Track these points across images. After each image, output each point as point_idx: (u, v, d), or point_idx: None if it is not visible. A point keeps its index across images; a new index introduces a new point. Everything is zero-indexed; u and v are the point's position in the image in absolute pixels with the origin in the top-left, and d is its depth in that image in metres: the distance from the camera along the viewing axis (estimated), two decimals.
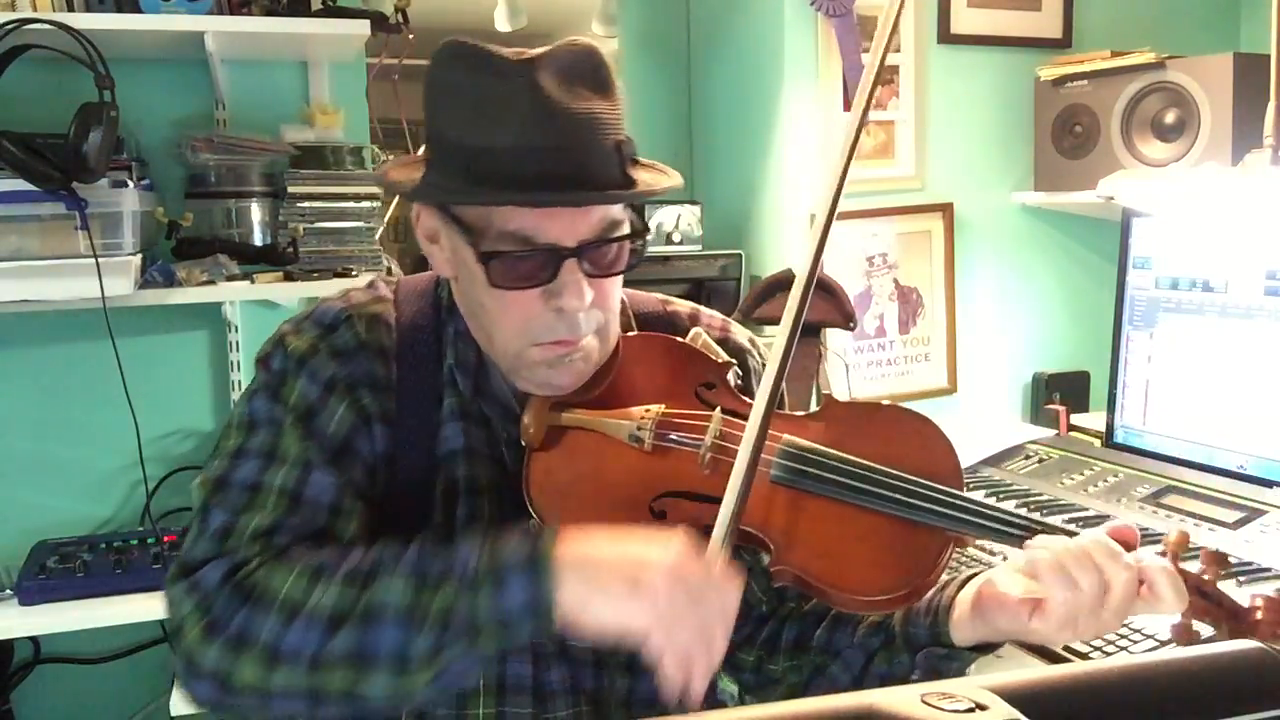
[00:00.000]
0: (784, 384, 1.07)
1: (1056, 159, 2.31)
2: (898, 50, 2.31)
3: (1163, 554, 0.98)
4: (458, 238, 1.01)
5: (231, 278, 1.99)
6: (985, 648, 1.04)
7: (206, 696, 0.94)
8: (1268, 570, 1.49)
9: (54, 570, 1.85)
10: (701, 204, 2.38)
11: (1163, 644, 1.37)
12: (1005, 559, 1.16)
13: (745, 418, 1.00)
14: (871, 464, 1.00)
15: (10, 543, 2.01)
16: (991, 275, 2.47)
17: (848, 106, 2.26)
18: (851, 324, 2.10)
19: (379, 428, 1.05)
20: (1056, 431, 2.19)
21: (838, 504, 0.99)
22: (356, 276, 2.05)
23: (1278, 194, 1.77)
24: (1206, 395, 1.83)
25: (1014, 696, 0.62)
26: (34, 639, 2.07)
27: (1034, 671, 0.67)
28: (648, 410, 1.04)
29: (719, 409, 1.05)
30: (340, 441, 1.03)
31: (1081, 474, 1.88)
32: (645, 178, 1.03)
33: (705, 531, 0.98)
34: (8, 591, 1.82)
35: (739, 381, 1.12)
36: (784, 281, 2.14)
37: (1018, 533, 0.99)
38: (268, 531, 0.97)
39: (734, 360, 1.13)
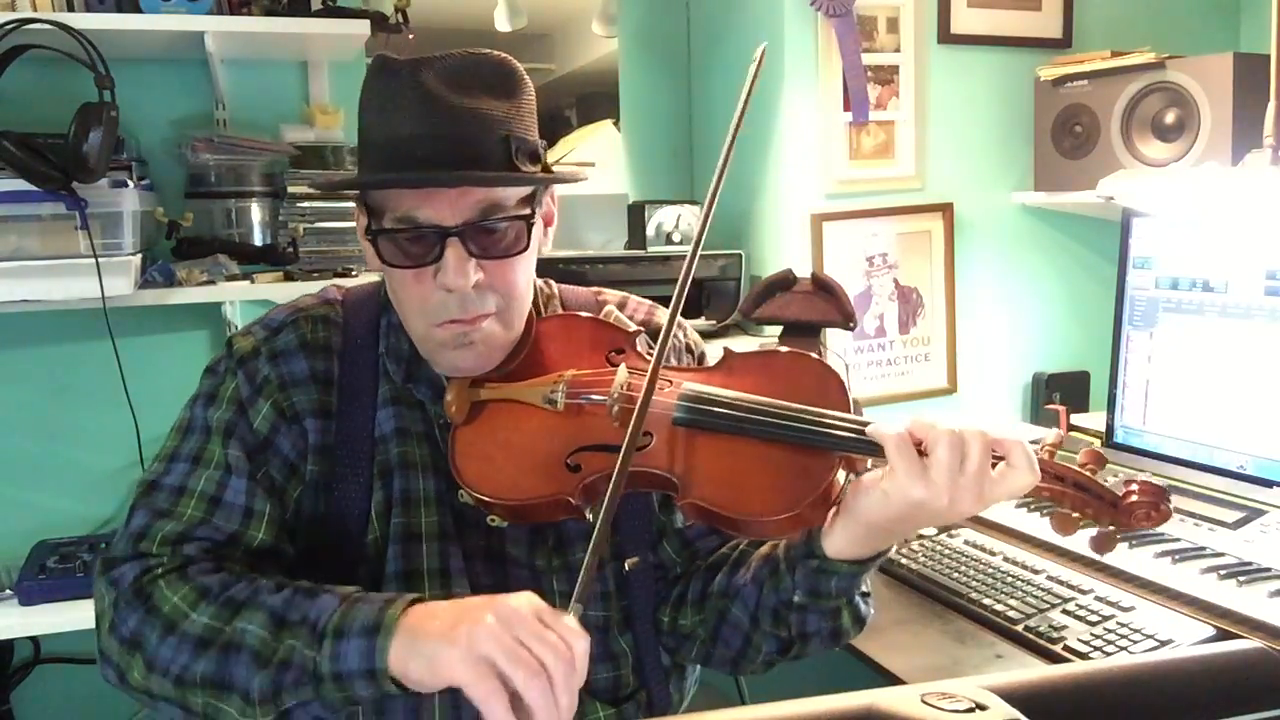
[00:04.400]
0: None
1: (1056, 159, 2.31)
2: (897, 50, 2.31)
3: (1039, 447, 1.06)
4: (364, 225, 1.11)
5: (231, 278, 1.99)
6: (861, 564, 1.07)
7: (112, 683, 1.06)
8: (1267, 570, 1.48)
9: (54, 570, 1.85)
10: (701, 204, 2.38)
11: (1162, 644, 1.37)
12: None
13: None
14: (760, 398, 1.06)
15: (10, 543, 2.01)
16: (991, 275, 2.47)
17: (848, 106, 2.26)
18: (851, 324, 2.09)
19: (311, 422, 1.14)
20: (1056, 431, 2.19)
21: (732, 437, 1.06)
22: (356, 276, 2.05)
23: (1278, 194, 1.77)
24: (1206, 395, 1.83)
25: (1014, 696, 0.63)
26: (34, 639, 2.07)
27: (1034, 671, 0.67)
28: (560, 375, 1.13)
29: (624, 365, 1.12)
30: (261, 440, 1.13)
31: None
32: (544, 175, 1.10)
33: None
34: (8, 591, 1.82)
35: (649, 348, 1.17)
36: (783, 281, 2.13)
37: None
38: (177, 539, 1.07)
39: (643, 329, 1.20)
